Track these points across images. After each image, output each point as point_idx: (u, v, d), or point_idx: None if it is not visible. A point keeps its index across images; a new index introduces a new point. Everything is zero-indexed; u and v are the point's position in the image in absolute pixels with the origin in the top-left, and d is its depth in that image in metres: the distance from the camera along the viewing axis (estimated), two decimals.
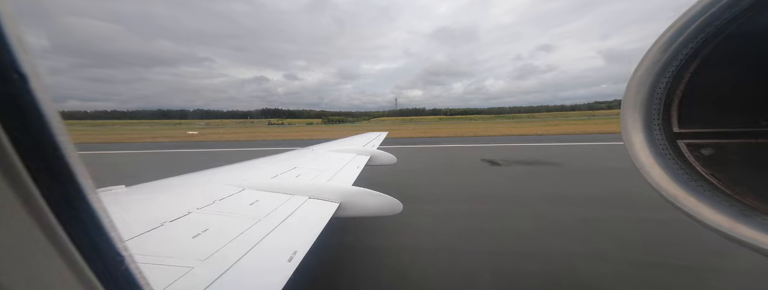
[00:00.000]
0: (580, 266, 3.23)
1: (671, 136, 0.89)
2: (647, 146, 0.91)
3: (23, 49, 0.32)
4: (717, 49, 0.81)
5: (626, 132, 0.95)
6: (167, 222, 1.55)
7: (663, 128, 0.90)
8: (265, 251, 1.38)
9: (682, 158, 0.86)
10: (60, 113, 0.36)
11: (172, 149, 18.79)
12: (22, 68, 0.31)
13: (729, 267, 3.07)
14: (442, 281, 3.05)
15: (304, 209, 2.06)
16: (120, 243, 0.43)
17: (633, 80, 0.94)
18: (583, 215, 4.75)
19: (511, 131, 28.34)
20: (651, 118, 0.91)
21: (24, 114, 0.32)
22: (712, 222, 0.74)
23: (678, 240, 3.71)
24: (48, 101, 0.34)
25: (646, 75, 0.91)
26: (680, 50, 0.84)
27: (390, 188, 2.69)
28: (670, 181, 0.84)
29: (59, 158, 0.35)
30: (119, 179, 2.31)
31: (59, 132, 0.35)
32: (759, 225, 0.68)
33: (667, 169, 0.86)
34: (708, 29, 0.79)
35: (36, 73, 0.33)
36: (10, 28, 0.31)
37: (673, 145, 0.88)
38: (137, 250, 1.23)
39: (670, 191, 0.83)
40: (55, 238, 0.35)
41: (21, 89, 0.31)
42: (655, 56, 0.89)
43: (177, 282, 1.04)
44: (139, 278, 0.46)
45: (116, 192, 2.11)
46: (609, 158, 10.53)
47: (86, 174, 0.38)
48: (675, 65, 0.86)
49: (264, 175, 2.89)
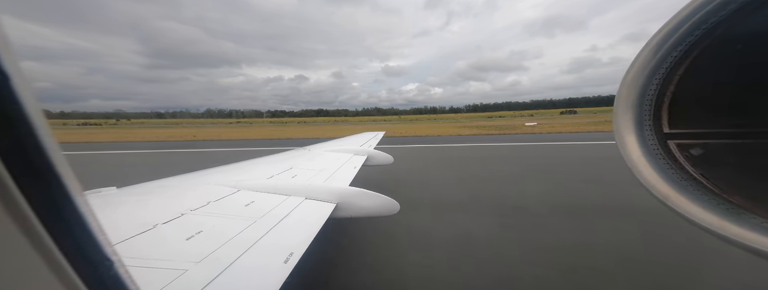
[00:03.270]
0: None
1: (662, 136, 0.91)
2: (639, 146, 0.93)
3: (5, 47, 0.31)
4: (705, 52, 0.83)
5: (619, 132, 0.97)
6: (160, 224, 1.52)
7: (654, 128, 0.92)
8: (261, 252, 1.37)
9: (672, 157, 0.88)
10: (45, 111, 0.35)
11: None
12: (4, 67, 0.30)
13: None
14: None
15: (301, 210, 2.05)
16: (108, 247, 0.42)
17: (625, 82, 0.96)
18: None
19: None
20: (642, 119, 0.93)
21: (5, 114, 0.31)
22: (701, 221, 0.76)
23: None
24: (32, 101, 0.33)
25: (637, 77, 0.93)
26: (669, 53, 0.86)
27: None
28: (660, 180, 0.86)
29: (43, 158, 0.34)
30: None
31: (43, 132, 0.34)
32: (746, 223, 0.70)
33: (657, 168, 0.88)
34: (696, 32, 0.81)
35: (19, 72, 0.32)
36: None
37: (663, 145, 0.90)
38: (128, 253, 1.20)
39: (661, 191, 0.85)
40: (39, 243, 0.34)
41: (2, 89, 0.30)
42: (645, 59, 0.91)
43: (170, 285, 1.02)
44: (129, 283, 0.45)
45: (107, 194, 2.07)
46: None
47: (72, 175, 0.37)
48: (665, 68, 0.88)
49: (260, 175, 2.86)
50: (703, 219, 0.76)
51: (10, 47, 0.31)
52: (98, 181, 2.48)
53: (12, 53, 0.32)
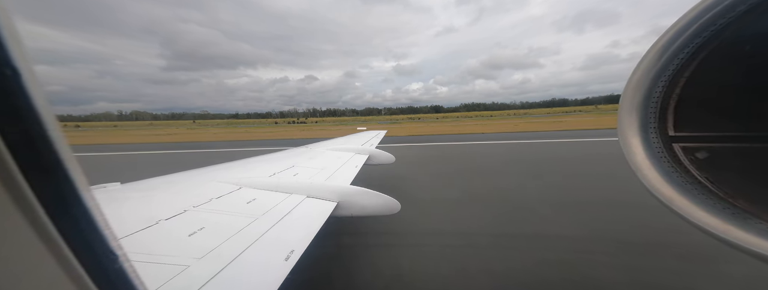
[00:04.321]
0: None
1: (667, 139, 0.90)
2: (643, 148, 0.92)
3: (15, 44, 0.31)
4: (712, 55, 0.81)
5: (623, 134, 0.96)
6: (163, 220, 1.54)
7: (659, 131, 0.91)
8: (262, 249, 1.38)
9: (677, 161, 0.87)
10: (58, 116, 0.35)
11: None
12: (16, 64, 0.31)
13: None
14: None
15: (302, 208, 2.06)
16: (114, 241, 0.43)
17: (630, 83, 0.95)
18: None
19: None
20: (647, 121, 0.92)
21: (16, 110, 0.31)
22: (706, 225, 0.75)
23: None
24: (41, 98, 0.33)
25: (643, 79, 0.92)
26: (676, 55, 0.85)
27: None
28: (665, 183, 0.85)
29: (52, 155, 0.34)
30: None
31: (52, 128, 0.34)
32: (751, 228, 0.69)
33: (662, 172, 0.87)
34: (704, 34, 0.80)
35: (30, 69, 0.33)
36: (2, 21, 0.31)
37: (668, 148, 0.89)
38: (132, 248, 1.22)
39: (665, 194, 0.84)
40: (46, 236, 0.34)
41: (13, 85, 0.31)
42: (651, 60, 0.90)
43: (172, 280, 1.04)
44: (132, 277, 0.46)
45: (111, 190, 2.09)
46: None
47: (79, 171, 0.38)
48: (671, 70, 0.87)
49: (262, 173, 2.88)
50: (708, 223, 0.75)
51: (19, 44, 0.32)
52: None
53: (22, 50, 0.32)
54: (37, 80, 0.33)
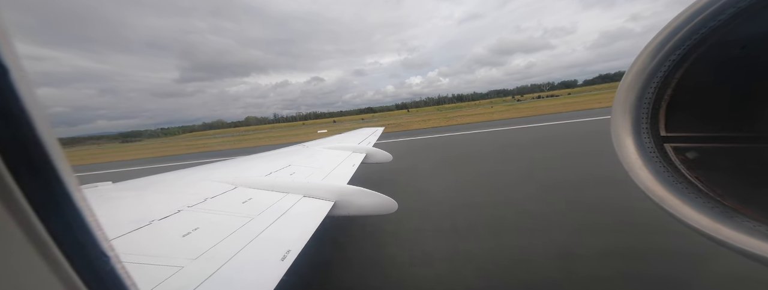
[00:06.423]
0: None
1: (658, 140, 0.92)
2: (636, 149, 0.94)
3: (3, 41, 0.30)
4: (702, 57, 0.83)
5: (616, 135, 0.98)
6: (156, 220, 1.52)
7: (651, 131, 0.93)
8: (258, 250, 1.37)
9: (668, 161, 0.89)
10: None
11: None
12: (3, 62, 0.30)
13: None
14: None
15: (298, 207, 2.05)
16: (105, 242, 0.42)
17: (623, 85, 0.97)
18: None
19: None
20: (639, 122, 0.94)
21: (4, 109, 0.31)
22: (695, 223, 0.77)
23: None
24: (31, 94, 0.32)
25: (635, 81, 0.93)
26: (667, 57, 0.87)
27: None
28: (656, 183, 0.87)
29: (40, 153, 0.34)
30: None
31: (41, 126, 0.33)
32: (739, 226, 0.71)
33: (654, 171, 0.89)
34: (694, 37, 0.82)
35: (18, 66, 0.32)
36: None
37: (660, 148, 0.91)
38: (124, 249, 1.20)
39: (657, 193, 0.86)
40: (36, 238, 0.34)
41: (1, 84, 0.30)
42: (643, 63, 0.92)
43: (166, 281, 1.02)
44: (125, 278, 0.45)
45: (103, 189, 2.05)
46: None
47: (69, 170, 0.37)
48: (662, 72, 0.89)
49: (258, 173, 2.86)
50: (697, 221, 0.77)
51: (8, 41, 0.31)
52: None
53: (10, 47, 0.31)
54: (26, 77, 0.32)
